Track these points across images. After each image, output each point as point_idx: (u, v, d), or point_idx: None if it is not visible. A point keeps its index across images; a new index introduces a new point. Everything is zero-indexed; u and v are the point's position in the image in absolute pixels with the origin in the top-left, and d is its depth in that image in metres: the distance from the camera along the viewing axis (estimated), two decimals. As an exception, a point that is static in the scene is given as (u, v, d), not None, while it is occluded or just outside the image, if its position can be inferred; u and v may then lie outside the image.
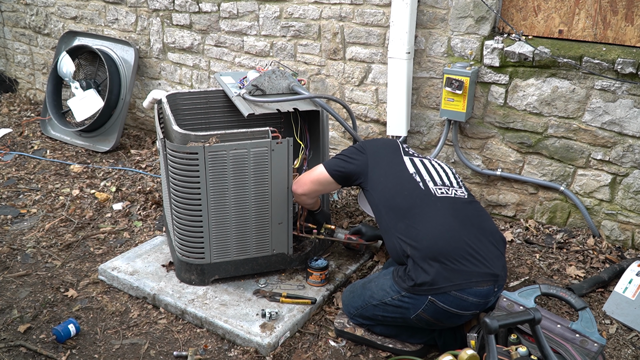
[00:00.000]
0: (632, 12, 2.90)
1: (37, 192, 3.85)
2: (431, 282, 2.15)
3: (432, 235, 2.21)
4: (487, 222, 2.33)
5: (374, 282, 2.41)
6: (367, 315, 2.39)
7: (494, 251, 2.24)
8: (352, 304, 2.45)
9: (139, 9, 4.58)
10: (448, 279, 2.15)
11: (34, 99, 5.83)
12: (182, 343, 2.47)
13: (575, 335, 2.01)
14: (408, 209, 2.29)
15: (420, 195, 2.31)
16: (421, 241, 2.21)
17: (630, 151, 2.97)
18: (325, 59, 3.80)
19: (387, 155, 2.51)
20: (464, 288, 2.15)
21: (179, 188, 2.54)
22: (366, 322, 2.43)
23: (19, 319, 2.61)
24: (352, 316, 2.47)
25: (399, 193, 2.34)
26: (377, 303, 2.32)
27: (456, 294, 2.14)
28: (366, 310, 2.38)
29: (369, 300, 2.36)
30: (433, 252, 2.18)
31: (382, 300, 2.31)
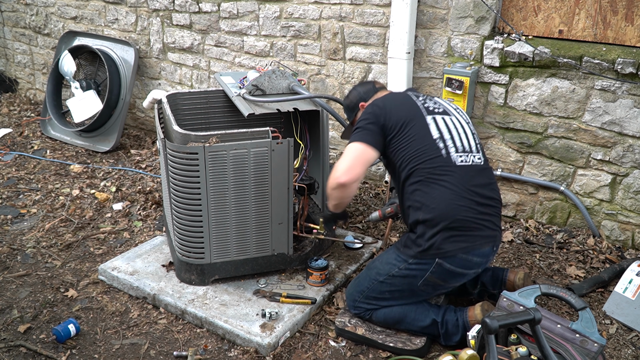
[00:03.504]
0: (632, 12, 2.90)
1: (37, 192, 3.85)
2: (439, 246, 2.25)
3: (446, 204, 2.27)
4: (494, 189, 2.42)
5: (377, 261, 2.46)
6: (372, 295, 2.40)
7: (495, 215, 2.37)
8: (357, 288, 2.46)
9: (139, 9, 4.58)
10: (456, 243, 2.26)
11: (34, 99, 5.83)
12: (182, 343, 2.47)
13: (575, 335, 2.02)
14: (428, 176, 2.31)
15: (441, 163, 2.33)
16: (435, 209, 2.26)
17: (630, 151, 2.97)
18: (325, 59, 3.80)
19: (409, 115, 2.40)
20: (470, 250, 2.27)
21: (179, 188, 2.54)
22: (371, 304, 2.42)
23: (19, 319, 2.61)
24: (356, 303, 2.46)
25: (421, 159, 2.33)
26: (384, 278, 2.37)
27: (462, 256, 2.26)
28: (372, 290, 2.40)
29: (375, 278, 2.40)
30: (445, 219, 2.25)
31: (389, 274, 2.36)
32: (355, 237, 3.19)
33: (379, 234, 3.34)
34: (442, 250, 2.25)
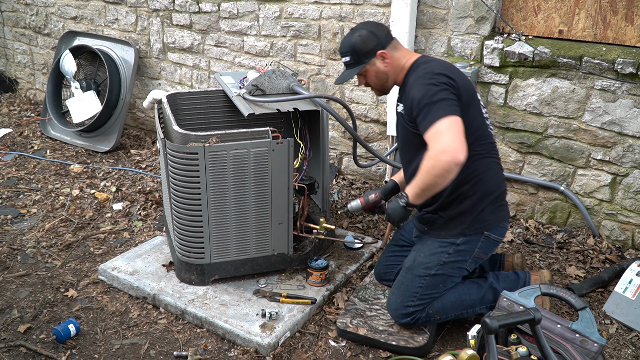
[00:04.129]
0: (632, 12, 2.90)
1: (37, 192, 3.85)
2: (486, 218, 2.34)
3: (498, 176, 2.40)
4: None
5: (417, 258, 2.41)
6: (427, 293, 2.37)
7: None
8: (407, 293, 2.38)
9: (139, 9, 4.58)
10: (498, 213, 2.39)
11: (34, 99, 5.83)
12: (182, 343, 2.47)
13: (575, 335, 2.01)
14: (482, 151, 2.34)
15: (490, 140, 2.39)
16: (489, 182, 2.35)
17: (630, 151, 2.97)
18: (325, 59, 3.80)
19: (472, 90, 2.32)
20: (506, 218, 2.43)
21: (179, 188, 2.54)
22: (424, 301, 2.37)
23: (19, 319, 2.61)
24: (409, 310, 2.37)
25: (477, 135, 2.31)
26: (436, 270, 2.36)
27: (502, 224, 2.40)
28: (426, 287, 2.36)
29: (425, 273, 2.36)
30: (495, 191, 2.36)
31: (439, 263, 2.36)
32: (355, 237, 3.19)
33: (379, 234, 3.34)
34: (488, 222, 2.34)
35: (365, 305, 2.60)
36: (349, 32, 2.38)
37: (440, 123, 2.03)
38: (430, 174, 2.03)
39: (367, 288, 2.72)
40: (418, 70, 2.26)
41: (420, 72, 2.24)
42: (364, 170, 3.94)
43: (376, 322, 2.49)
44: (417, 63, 2.33)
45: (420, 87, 2.15)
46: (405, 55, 2.38)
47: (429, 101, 2.09)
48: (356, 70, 2.37)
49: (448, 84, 2.14)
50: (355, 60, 2.36)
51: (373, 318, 2.52)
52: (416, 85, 2.18)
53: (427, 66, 2.25)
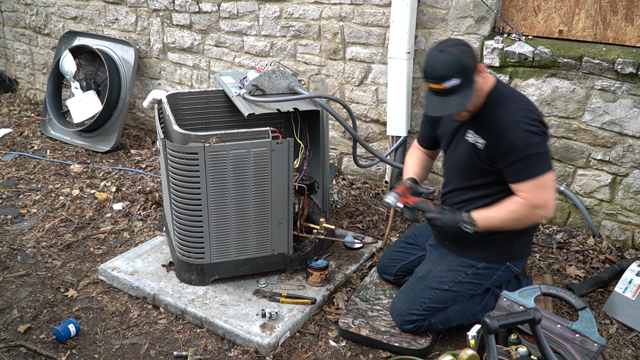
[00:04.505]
0: (632, 12, 2.90)
1: (37, 192, 3.85)
2: (514, 251, 2.35)
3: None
4: None
5: (433, 270, 2.40)
6: (433, 305, 2.37)
7: None
8: (415, 301, 2.38)
9: (139, 9, 4.58)
10: (526, 247, 2.41)
11: (34, 99, 5.83)
12: (182, 343, 2.47)
13: (575, 335, 2.01)
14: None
15: None
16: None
17: (630, 151, 2.97)
18: (325, 59, 3.80)
19: None
20: (529, 253, 2.46)
21: (179, 188, 2.54)
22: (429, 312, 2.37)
23: (19, 319, 2.61)
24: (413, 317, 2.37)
25: None
26: (449, 286, 2.35)
27: (525, 258, 2.42)
28: (435, 300, 2.36)
29: (437, 287, 2.36)
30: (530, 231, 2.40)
31: (454, 280, 2.35)
32: (355, 237, 3.19)
33: (379, 234, 3.34)
34: (514, 255, 2.36)
35: (367, 306, 2.60)
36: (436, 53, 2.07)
37: (543, 178, 2.06)
38: (517, 220, 2.13)
39: (367, 288, 2.72)
40: (513, 106, 2.11)
41: (516, 111, 2.09)
42: (364, 170, 3.94)
43: (378, 323, 2.49)
44: (502, 91, 2.17)
45: (521, 133, 2.05)
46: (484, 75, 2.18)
47: (532, 152, 2.04)
48: (472, 92, 2.06)
49: (545, 133, 2.10)
50: (465, 80, 2.05)
51: (375, 319, 2.52)
52: (516, 130, 2.05)
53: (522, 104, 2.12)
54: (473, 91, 2.07)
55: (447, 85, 2.05)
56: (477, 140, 2.20)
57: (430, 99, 2.14)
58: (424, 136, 2.59)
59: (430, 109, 2.14)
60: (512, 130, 2.06)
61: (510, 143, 2.06)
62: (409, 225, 3.44)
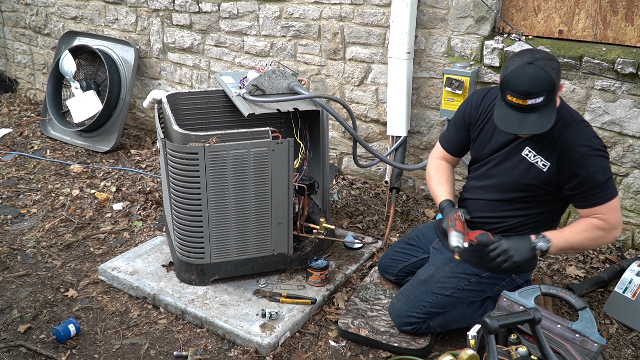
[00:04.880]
0: (632, 12, 2.90)
1: (37, 192, 3.85)
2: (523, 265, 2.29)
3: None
4: None
5: (436, 275, 2.39)
6: (433, 310, 2.36)
7: None
8: (415, 304, 2.37)
9: (139, 9, 4.58)
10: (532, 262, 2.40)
11: (34, 99, 5.83)
12: (182, 343, 2.47)
13: (575, 335, 2.01)
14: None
15: None
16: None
17: (630, 151, 2.97)
18: (325, 59, 3.80)
19: None
20: (535, 266, 2.46)
21: (179, 188, 2.54)
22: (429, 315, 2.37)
23: (19, 319, 2.61)
24: (412, 320, 2.38)
25: None
26: (451, 292, 2.35)
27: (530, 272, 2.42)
28: (435, 305, 2.35)
29: (439, 292, 2.35)
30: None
31: (457, 287, 2.35)
32: (355, 237, 3.19)
33: (379, 234, 3.34)
34: (521, 268, 2.34)
35: (367, 306, 2.60)
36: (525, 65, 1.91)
37: (614, 201, 2.09)
38: (594, 241, 2.14)
39: (367, 288, 2.72)
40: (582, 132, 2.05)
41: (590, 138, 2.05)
42: (364, 170, 3.94)
43: (377, 323, 2.49)
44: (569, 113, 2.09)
45: (598, 160, 2.03)
46: None
47: (605, 179, 2.05)
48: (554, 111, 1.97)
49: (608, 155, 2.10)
50: (550, 99, 1.94)
51: (374, 319, 2.52)
52: (594, 158, 2.02)
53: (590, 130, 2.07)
54: (555, 112, 1.97)
55: (531, 103, 1.92)
56: (539, 162, 2.12)
57: (505, 112, 1.99)
58: (454, 142, 2.42)
59: (505, 124, 2.00)
60: (589, 158, 2.03)
61: (589, 171, 2.03)
62: (409, 226, 3.44)
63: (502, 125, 2.01)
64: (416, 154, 3.67)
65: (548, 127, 1.95)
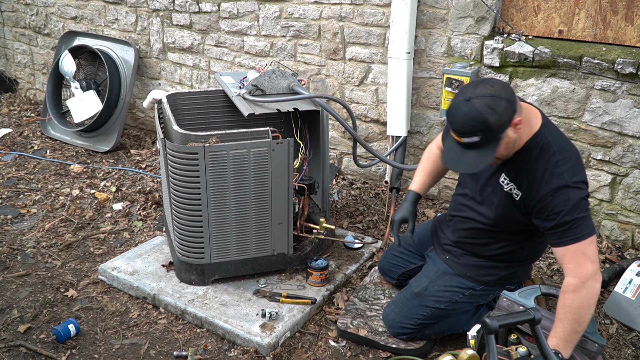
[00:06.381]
0: (632, 12, 2.90)
1: (37, 192, 3.85)
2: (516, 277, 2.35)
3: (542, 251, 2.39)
4: None
5: (429, 288, 2.36)
6: (427, 322, 2.36)
7: None
8: (408, 316, 2.36)
9: (139, 9, 4.58)
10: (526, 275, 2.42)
11: (34, 99, 5.83)
12: (182, 343, 2.47)
13: (575, 335, 2.01)
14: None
15: None
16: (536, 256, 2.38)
17: (630, 151, 2.97)
18: (325, 59, 3.80)
19: None
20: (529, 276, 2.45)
21: (179, 188, 2.54)
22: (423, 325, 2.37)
23: (19, 319, 2.61)
24: (406, 330, 2.37)
25: None
26: (446, 305, 2.33)
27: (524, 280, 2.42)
28: (430, 317, 2.34)
29: (433, 305, 2.33)
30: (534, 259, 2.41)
31: (451, 300, 2.33)
32: (355, 237, 3.19)
33: (379, 234, 3.34)
34: (514, 280, 2.35)
35: (366, 306, 2.60)
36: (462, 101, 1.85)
37: (585, 243, 1.89)
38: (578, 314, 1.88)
39: (367, 288, 2.72)
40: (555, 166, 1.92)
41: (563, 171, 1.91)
42: (364, 170, 3.94)
43: (376, 323, 2.49)
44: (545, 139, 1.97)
45: (562, 197, 1.89)
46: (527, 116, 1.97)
47: (576, 217, 1.89)
48: (494, 152, 1.89)
49: (588, 196, 1.95)
50: (487, 138, 1.87)
51: (373, 318, 2.52)
52: (558, 194, 1.90)
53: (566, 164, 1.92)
54: (496, 149, 1.89)
55: (466, 141, 1.88)
56: (513, 190, 2.06)
57: (450, 145, 1.98)
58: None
59: (446, 158, 1.99)
60: (556, 196, 1.91)
61: (553, 209, 1.91)
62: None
63: (444, 159, 2.00)
64: (416, 154, 3.67)
65: (481, 167, 1.90)
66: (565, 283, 1.93)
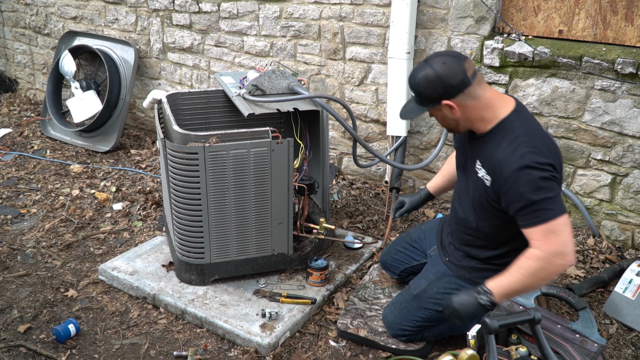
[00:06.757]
0: (632, 12, 2.90)
1: (37, 192, 3.85)
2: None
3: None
4: None
5: (429, 290, 2.35)
6: (426, 324, 2.35)
7: None
8: (407, 318, 2.36)
9: (139, 9, 4.58)
10: None
11: (34, 99, 5.83)
12: (182, 343, 2.47)
13: (575, 336, 2.02)
14: None
15: None
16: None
17: (630, 151, 2.97)
18: (325, 59, 3.80)
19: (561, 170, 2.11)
20: None
21: (179, 188, 2.54)
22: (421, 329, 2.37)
23: (19, 319, 2.61)
24: (406, 332, 2.37)
25: None
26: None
27: None
28: (429, 319, 2.34)
29: (432, 307, 2.32)
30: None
31: None
32: (355, 237, 3.19)
33: (379, 234, 3.34)
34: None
35: (365, 305, 2.60)
36: (422, 63, 2.05)
37: (554, 223, 1.87)
38: (536, 276, 1.90)
39: (366, 287, 2.72)
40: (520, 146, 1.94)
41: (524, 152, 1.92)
42: (364, 170, 3.94)
43: (376, 323, 2.49)
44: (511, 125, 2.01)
45: (525, 178, 1.89)
46: (490, 104, 2.03)
47: (542, 197, 1.88)
48: (418, 112, 2.11)
49: (556, 177, 1.92)
50: (419, 100, 2.09)
51: (373, 318, 2.52)
52: (521, 175, 1.90)
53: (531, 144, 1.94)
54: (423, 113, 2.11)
55: (412, 93, 2.12)
56: (484, 176, 2.06)
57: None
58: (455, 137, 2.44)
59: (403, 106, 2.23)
60: (518, 177, 1.90)
61: (517, 190, 1.91)
62: (409, 226, 3.44)
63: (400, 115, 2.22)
64: (416, 154, 3.67)
65: (410, 116, 2.16)
66: (529, 250, 1.92)
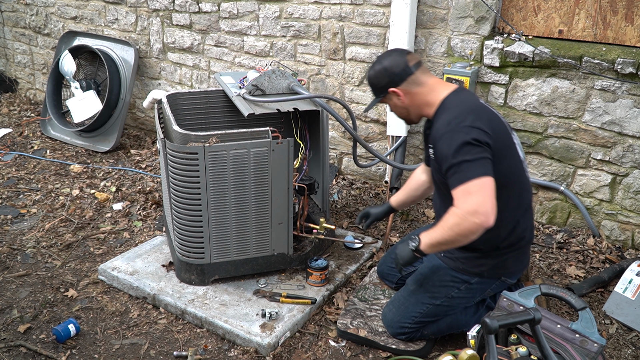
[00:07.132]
0: (632, 12, 2.90)
1: (37, 192, 3.85)
2: (508, 266, 2.30)
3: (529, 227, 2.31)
4: None
5: (425, 284, 2.37)
6: (425, 320, 2.36)
7: None
8: (406, 314, 2.37)
9: (139, 9, 4.58)
10: (521, 261, 2.35)
11: (34, 99, 5.83)
12: (182, 343, 2.47)
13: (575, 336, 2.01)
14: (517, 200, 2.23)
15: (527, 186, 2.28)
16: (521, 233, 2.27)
17: (630, 151, 2.97)
18: (325, 59, 3.80)
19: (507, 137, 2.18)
20: (525, 265, 2.39)
21: (179, 188, 2.54)
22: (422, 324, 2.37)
23: (19, 319, 2.61)
24: (405, 330, 2.38)
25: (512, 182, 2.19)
26: (442, 301, 2.33)
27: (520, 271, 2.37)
28: (427, 314, 2.35)
29: (429, 302, 2.34)
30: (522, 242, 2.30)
31: (447, 296, 2.33)
32: (355, 237, 3.19)
33: (379, 234, 3.34)
34: (509, 270, 2.31)
35: (365, 306, 2.60)
36: (377, 59, 2.28)
37: (471, 183, 1.93)
38: (453, 230, 1.97)
39: (366, 288, 2.72)
40: (448, 115, 2.08)
41: (450, 119, 2.06)
42: (364, 170, 3.94)
43: (376, 323, 2.49)
44: (448, 102, 2.15)
45: (449, 140, 2.01)
46: (433, 89, 2.19)
47: (460, 160, 1.97)
48: (374, 103, 2.33)
49: (480, 140, 1.98)
50: (373, 92, 2.31)
51: (373, 319, 2.52)
52: (445, 138, 2.03)
53: (458, 112, 2.07)
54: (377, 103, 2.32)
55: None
56: (431, 152, 2.20)
57: None
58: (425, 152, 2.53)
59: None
60: (442, 139, 2.04)
61: (441, 153, 2.05)
62: (409, 226, 3.44)
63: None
64: (416, 154, 3.67)
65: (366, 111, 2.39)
66: (451, 208, 2.00)
